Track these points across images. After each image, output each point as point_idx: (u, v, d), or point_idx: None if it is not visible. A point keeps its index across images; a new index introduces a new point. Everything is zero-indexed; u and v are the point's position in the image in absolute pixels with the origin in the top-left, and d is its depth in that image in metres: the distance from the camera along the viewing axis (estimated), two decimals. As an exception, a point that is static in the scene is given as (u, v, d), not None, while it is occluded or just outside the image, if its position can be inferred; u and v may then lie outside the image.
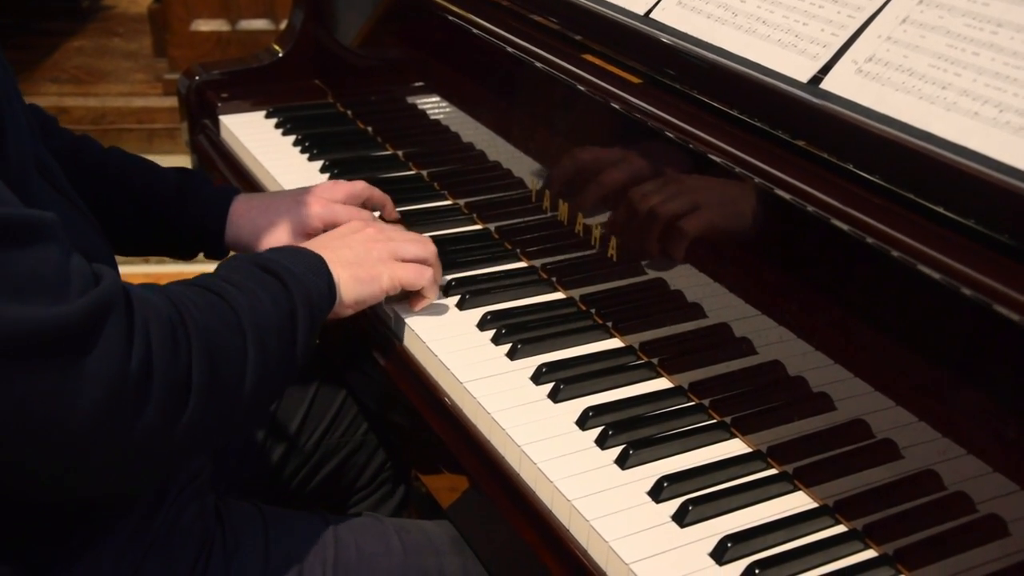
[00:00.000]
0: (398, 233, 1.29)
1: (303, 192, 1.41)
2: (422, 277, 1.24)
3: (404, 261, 1.25)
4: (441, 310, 1.29)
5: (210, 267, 1.14)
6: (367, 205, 1.43)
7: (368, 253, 1.22)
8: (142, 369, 0.87)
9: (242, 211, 1.39)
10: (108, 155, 1.42)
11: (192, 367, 0.91)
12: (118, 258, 1.20)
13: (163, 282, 1.05)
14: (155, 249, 1.44)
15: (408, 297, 1.28)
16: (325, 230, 1.36)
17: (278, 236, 1.36)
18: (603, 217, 1.27)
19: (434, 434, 1.17)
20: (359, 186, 1.43)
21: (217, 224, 1.39)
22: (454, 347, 1.21)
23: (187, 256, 1.45)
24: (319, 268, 1.14)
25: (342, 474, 1.50)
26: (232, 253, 1.41)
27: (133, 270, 3.01)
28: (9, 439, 0.83)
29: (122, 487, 0.99)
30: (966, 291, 0.85)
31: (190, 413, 0.91)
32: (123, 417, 0.86)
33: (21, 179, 0.91)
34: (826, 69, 1.04)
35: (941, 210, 0.89)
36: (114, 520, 1.04)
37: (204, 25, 3.76)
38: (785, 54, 1.08)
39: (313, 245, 1.20)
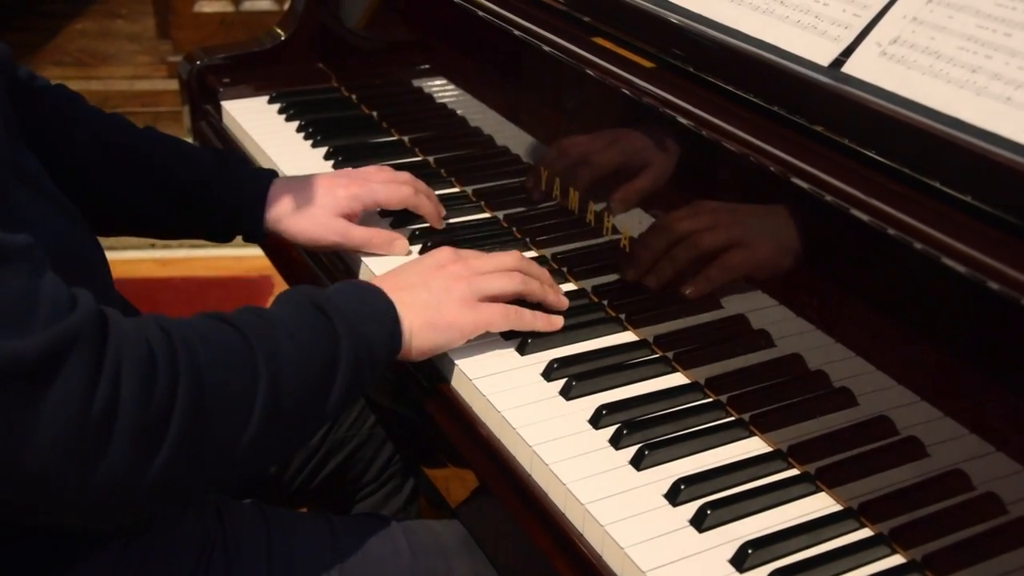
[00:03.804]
0: (484, 263, 1.17)
1: (342, 174, 1.37)
2: (507, 319, 1.14)
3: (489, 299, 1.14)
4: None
5: (233, 252, 1.09)
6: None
7: (448, 294, 1.11)
8: (106, 412, 0.80)
9: (280, 193, 1.34)
10: (140, 136, 1.36)
11: (172, 413, 0.85)
12: (132, 244, 1.15)
13: (170, 265, 0.99)
14: (191, 232, 1.39)
15: None
16: (363, 211, 1.34)
17: (318, 216, 1.32)
18: (614, 205, 1.24)
19: (443, 432, 1.14)
20: (404, 175, 1.39)
21: (255, 207, 1.34)
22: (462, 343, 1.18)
23: (225, 239, 1.39)
24: (385, 316, 1.05)
25: (349, 469, 1.47)
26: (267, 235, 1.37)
27: (141, 255, 3.00)
28: None
29: (95, 523, 0.94)
30: (993, 285, 0.81)
31: (161, 462, 0.84)
32: (81, 461, 0.80)
33: None
34: (848, 52, 1.00)
35: (968, 199, 0.86)
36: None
37: (208, 6, 3.72)
38: (805, 36, 1.04)
39: (387, 283, 1.11)
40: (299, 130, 1.72)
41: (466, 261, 1.16)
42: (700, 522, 0.95)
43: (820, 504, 0.99)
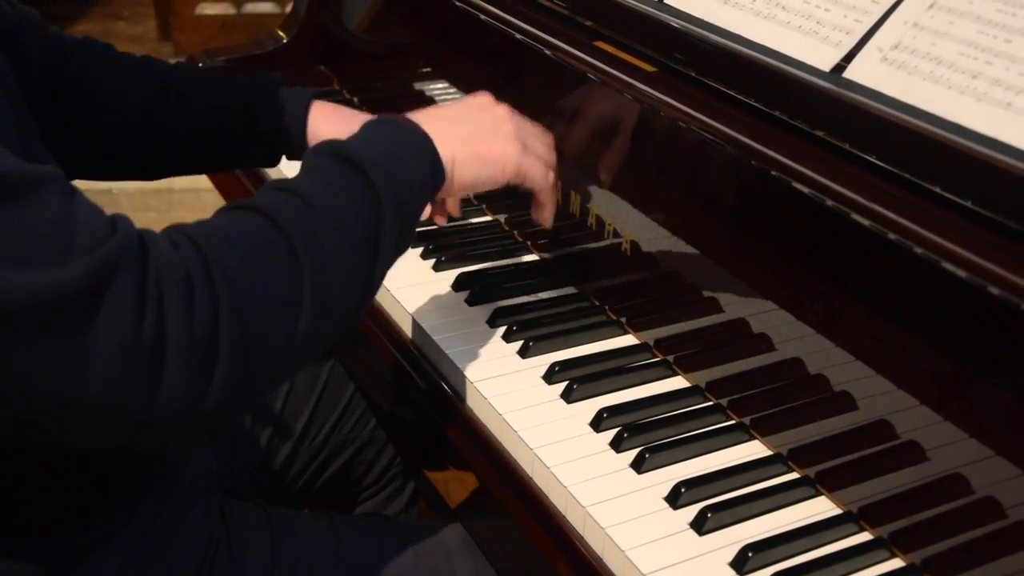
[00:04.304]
0: (529, 124, 1.16)
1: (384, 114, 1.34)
2: (547, 177, 1.13)
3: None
4: (449, 305, 1.26)
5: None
6: None
7: (496, 129, 1.10)
8: (156, 335, 0.78)
9: (324, 113, 1.30)
10: (169, 77, 1.33)
11: (219, 329, 0.81)
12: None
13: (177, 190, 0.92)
14: (237, 161, 1.37)
15: None
16: None
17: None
18: (614, 208, 1.24)
19: (444, 435, 1.14)
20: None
21: (298, 128, 1.30)
22: (463, 345, 1.18)
23: (271, 163, 1.36)
24: (424, 153, 1.01)
25: (350, 471, 1.47)
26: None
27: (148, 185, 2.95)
28: (25, 415, 0.77)
29: (166, 447, 0.90)
30: (994, 290, 0.81)
31: (221, 377, 0.81)
32: (140, 388, 0.78)
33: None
34: (849, 57, 1.00)
35: (969, 204, 0.86)
36: (118, 523, 1.01)
37: (209, 8, 3.73)
38: (806, 41, 1.04)
39: (424, 115, 1.07)
40: (301, 133, 1.72)
41: (507, 109, 1.15)
42: (701, 525, 0.95)
43: (820, 507, 0.99)
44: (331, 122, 1.29)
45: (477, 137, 1.08)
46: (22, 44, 1.18)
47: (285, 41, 1.93)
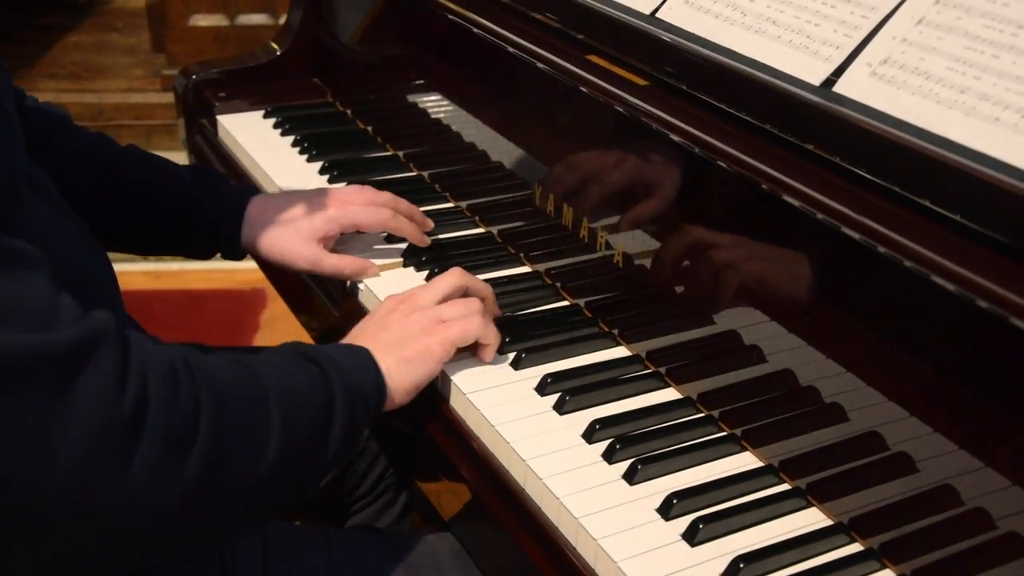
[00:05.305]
0: (429, 292, 1.18)
1: (321, 194, 1.36)
2: (469, 329, 1.14)
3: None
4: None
5: (226, 265, 1.08)
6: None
7: (408, 328, 1.12)
8: (135, 411, 0.80)
9: (258, 213, 1.35)
10: (123, 154, 1.38)
11: (199, 420, 0.84)
12: (126, 258, 1.15)
13: (164, 278, 0.99)
14: (171, 248, 1.41)
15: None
16: (341, 234, 1.34)
17: (292, 240, 1.32)
18: (608, 222, 1.25)
19: (437, 446, 1.14)
20: (384, 196, 1.38)
21: (232, 225, 1.35)
22: (456, 357, 1.18)
23: (204, 256, 1.41)
24: (367, 362, 1.06)
25: (343, 481, 1.48)
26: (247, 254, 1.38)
27: (133, 268, 3.00)
28: None
29: (127, 550, 0.86)
30: (983, 303, 0.82)
31: (193, 472, 0.83)
32: (115, 457, 0.79)
33: (13, 193, 0.87)
34: (839, 72, 1.01)
35: (958, 219, 0.86)
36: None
37: (203, 20, 3.73)
38: (796, 56, 1.05)
39: (351, 338, 1.13)
40: (294, 144, 1.73)
41: (412, 297, 1.17)
42: (692, 536, 0.96)
43: (811, 519, 1.00)
44: (262, 221, 1.34)
45: (397, 342, 1.10)
46: None
47: (279, 53, 1.93)
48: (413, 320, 1.13)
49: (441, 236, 1.44)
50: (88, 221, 1.30)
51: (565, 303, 1.31)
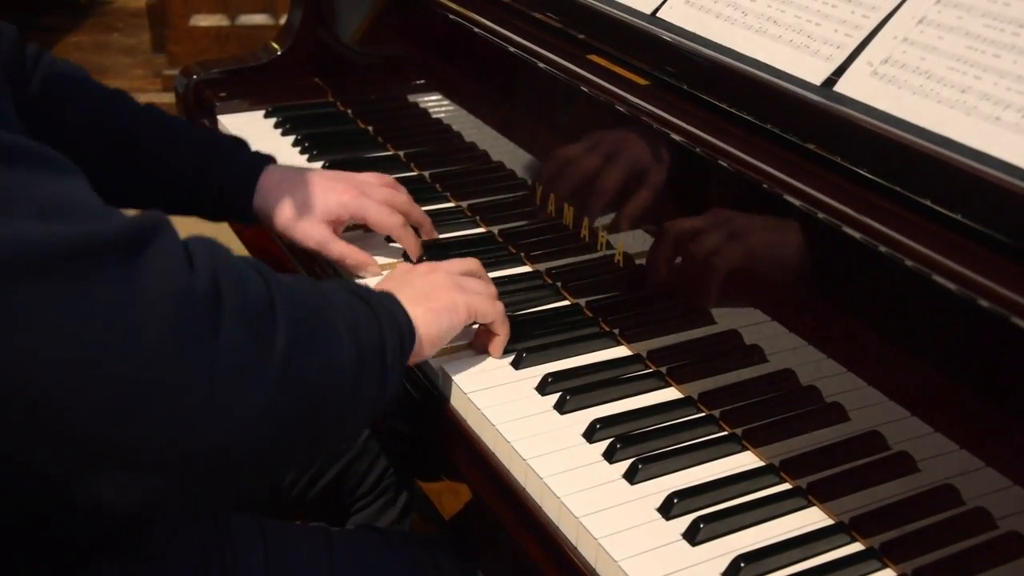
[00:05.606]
0: (451, 265, 1.18)
1: (339, 177, 1.35)
2: (492, 307, 1.14)
3: None
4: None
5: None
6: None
7: (432, 284, 1.12)
8: (210, 292, 0.77)
9: (272, 183, 1.33)
10: (138, 120, 1.36)
11: (275, 313, 0.81)
12: None
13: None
14: (184, 209, 1.39)
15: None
16: (350, 222, 1.33)
17: (303, 215, 1.31)
18: (609, 221, 1.25)
19: (437, 446, 1.14)
20: (402, 198, 1.37)
21: (244, 192, 1.33)
22: (456, 355, 1.18)
23: (217, 218, 1.40)
24: (398, 305, 1.04)
25: (343, 482, 1.47)
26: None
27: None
28: (73, 394, 0.71)
29: (208, 461, 0.79)
30: (984, 303, 0.82)
31: (281, 351, 0.80)
32: (200, 336, 0.75)
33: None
34: (840, 71, 1.01)
35: (958, 217, 0.87)
36: (109, 538, 1.01)
37: (203, 20, 3.74)
38: (797, 55, 1.05)
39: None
40: (295, 144, 1.73)
41: (430, 264, 1.18)
42: (693, 536, 0.95)
43: (812, 518, 1.00)
44: (277, 192, 1.32)
45: (423, 294, 1.10)
46: None
47: (279, 53, 1.93)
48: (436, 278, 1.13)
49: (442, 236, 1.44)
50: (94, 184, 1.31)
51: (566, 303, 1.31)
